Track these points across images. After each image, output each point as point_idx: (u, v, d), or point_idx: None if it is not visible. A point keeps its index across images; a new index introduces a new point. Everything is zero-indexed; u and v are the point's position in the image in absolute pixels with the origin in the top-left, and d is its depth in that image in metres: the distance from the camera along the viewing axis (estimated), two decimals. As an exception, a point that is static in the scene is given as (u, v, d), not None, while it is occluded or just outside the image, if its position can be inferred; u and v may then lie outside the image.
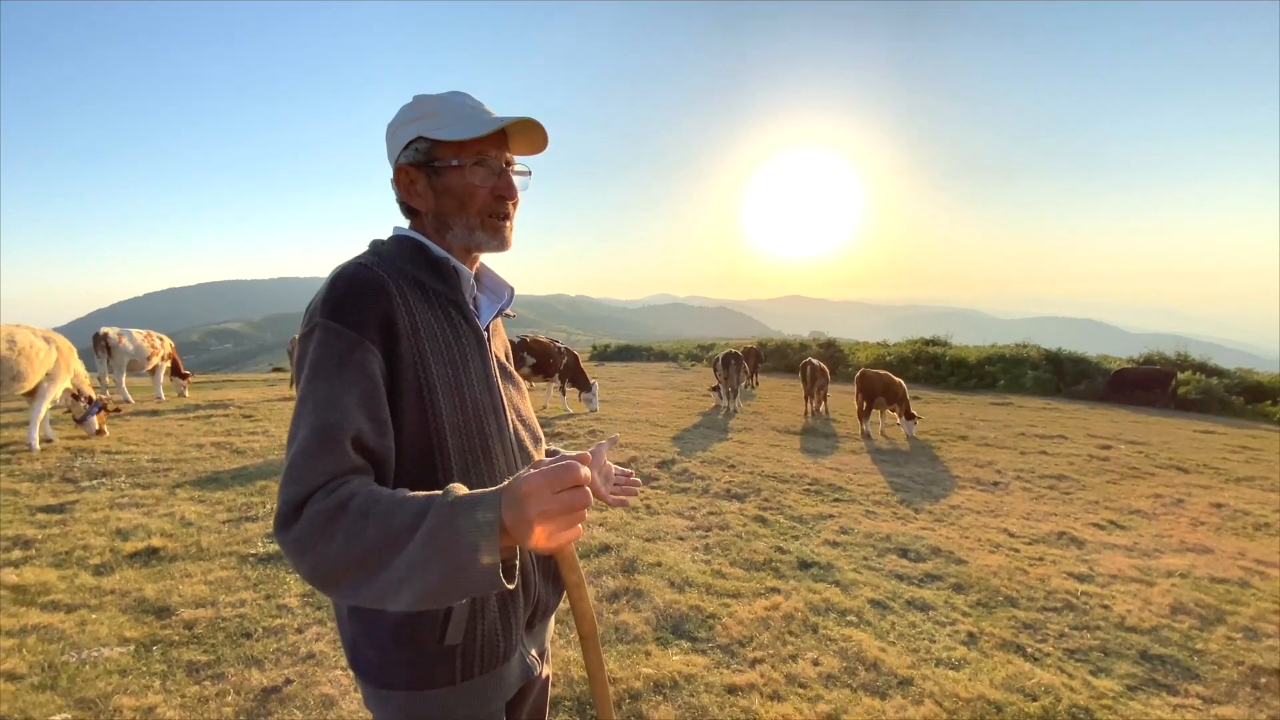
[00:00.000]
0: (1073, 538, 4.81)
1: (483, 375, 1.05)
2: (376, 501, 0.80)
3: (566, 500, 0.75)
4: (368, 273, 0.95)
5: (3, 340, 5.95)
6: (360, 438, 0.87)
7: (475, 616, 0.99)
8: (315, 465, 0.83)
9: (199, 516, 4.40)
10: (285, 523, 0.81)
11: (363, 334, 0.91)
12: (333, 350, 0.90)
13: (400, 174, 1.05)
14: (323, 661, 2.65)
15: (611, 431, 8.30)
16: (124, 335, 9.98)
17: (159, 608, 3.06)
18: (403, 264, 1.02)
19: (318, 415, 0.86)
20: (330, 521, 0.79)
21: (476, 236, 1.05)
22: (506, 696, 1.08)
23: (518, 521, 0.75)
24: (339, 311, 0.91)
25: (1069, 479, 6.82)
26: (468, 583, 0.76)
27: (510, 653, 1.05)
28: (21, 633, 2.76)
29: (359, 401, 0.88)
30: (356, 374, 0.89)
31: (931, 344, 20.47)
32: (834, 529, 4.71)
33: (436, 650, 0.97)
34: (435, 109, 1.02)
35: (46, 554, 3.65)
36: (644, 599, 3.31)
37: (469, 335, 1.05)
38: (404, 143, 1.03)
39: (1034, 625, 3.34)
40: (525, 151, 1.10)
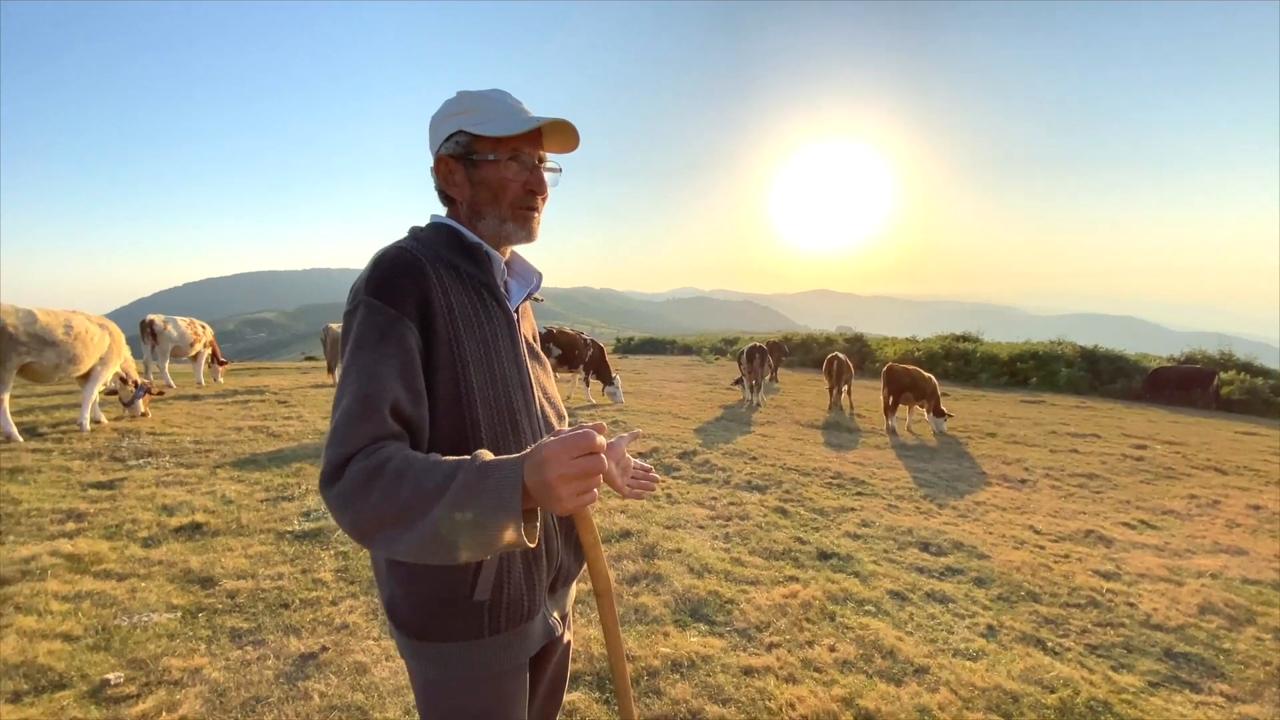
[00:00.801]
0: (1101, 536, 4.74)
1: (512, 353, 1.13)
2: (411, 464, 0.87)
3: (583, 465, 0.82)
4: (407, 255, 1.03)
5: (60, 325, 6.26)
6: (398, 406, 0.95)
7: (502, 575, 1.06)
8: (357, 429, 0.90)
9: (239, 495, 4.59)
10: (329, 480, 0.89)
11: (402, 311, 0.98)
12: (374, 325, 0.97)
13: (440, 164, 1.12)
14: (355, 632, 2.77)
15: (634, 423, 8.37)
16: (169, 323, 10.37)
17: (203, 578, 3.23)
18: (439, 248, 1.09)
19: (360, 384, 0.93)
20: (369, 480, 0.86)
21: (506, 227, 1.12)
22: (530, 652, 1.15)
23: (539, 484, 0.83)
24: (381, 290, 0.99)
25: (1100, 478, 6.69)
26: (493, 539, 0.84)
27: (534, 611, 1.13)
28: (77, 598, 2.94)
29: (397, 373, 0.96)
30: (395, 348, 0.97)
31: (962, 340, 20.10)
32: (855, 522, 4.72)
33: (467, 605, 1.05)
34: (477, 105, 1.08)
35: (98, 526, 3.86)
36: (663, 583, 3.38)
37: (499, 316, 1.12)
38: (446, 135, 1.10)
39: (1056, 620, 3.32)
40: (557, 150, 1.16)
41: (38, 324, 6.07)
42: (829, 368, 11.10)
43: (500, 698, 1.12)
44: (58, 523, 3.88)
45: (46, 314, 6.22)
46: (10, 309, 5.98)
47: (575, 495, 0.83)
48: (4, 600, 2.86)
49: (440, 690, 1.10)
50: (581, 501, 0.85)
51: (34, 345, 6.02)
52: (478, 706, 1.10)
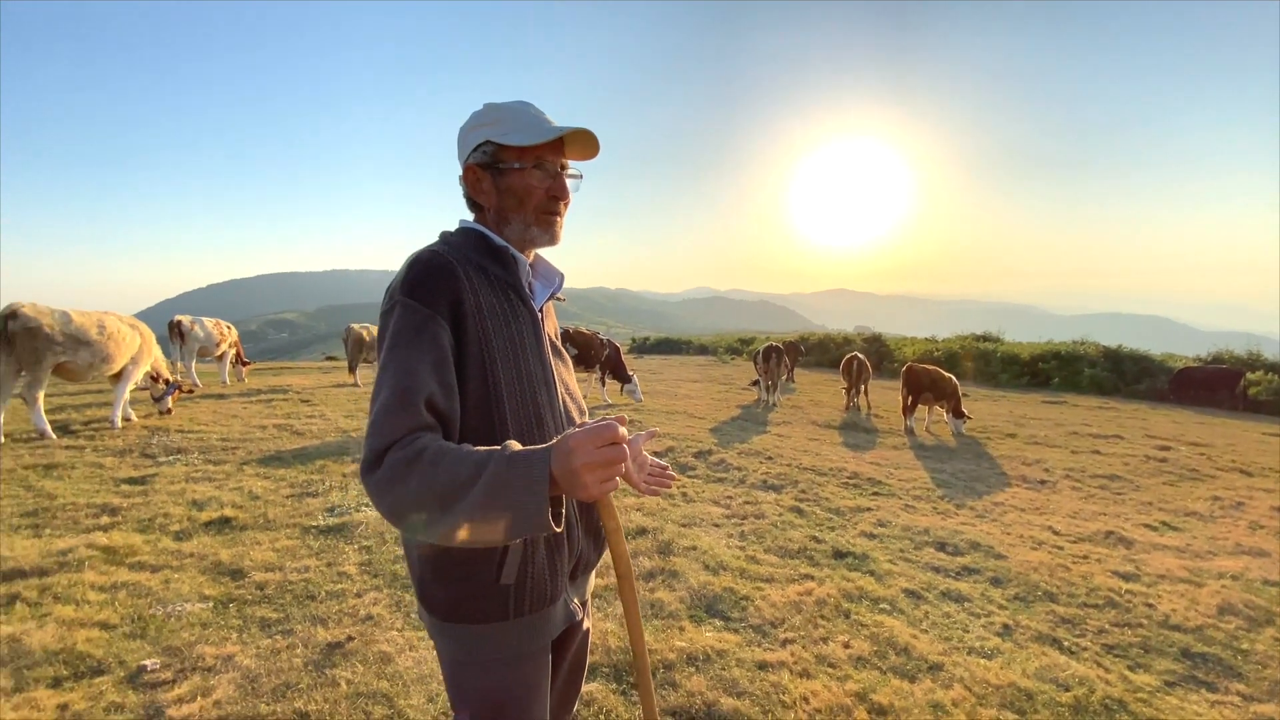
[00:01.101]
0: (1121, 537, 4.69)
1: (536, 350, 1.19)
2: (445, 453, 0.93)
3: (606, 454, 0.89)
4: (439, 259, 1.09)
5: (93, 326, 6.47)
6: (432, 399, 1.01)
7: (526, 560, 1.13)
8: (395, 421, 0.97)
9: (265, 491, 4.71)
10: (369, 468, 0.95)
11: (435, 310, 1.05)
12: (410, 324, 1.03)
13: (468, 172, 1.18)
14: (380, 623, 2.85)
15: (650, 423, 8.42)
16: (196, 323, 10.63)
17: (233, 570, 3.34)
18: (468, 251, 1.15)
19: (397, 379, 1.00)
20: (407, 469, 0.92)
21: (531, 231, 1.19)
22: (553, 635, 1.21)
23: (565, 472, 0.89)
24: (415, 291, 1.05)
25: (1122, 479, 6.61)
26: (521, 522, 0.90)
27: (556, 596, 1.19)
28: (113, 588, 3.06)
29: (431, 369, 1.02)
30: (429, 345, 1.03)
31: (983, 340, 19.89)
32: (871, 521, 4.72)
33: (493, 588, 1.11)
34: (502, 116, 1.14)
35: (131, 520, 3.99)
36: (679, 579, 3.42)
37: (525, 315, 1.19)
38: (473, 145, 1.16)
39: (1073, 620, 3.31)
40: (579, 157, 1.22)
41: (72, 324, 6.27)
42: (848, 368, 11.06)
43: (524, 677, 1.18)
44: (93, 516, 4.02)
45: (81, 315, 6.43)
46: (46, 310, 6.18)
47: (599, 482, 0.90)
48: (43, 590, 2.98)
49: (467, 669, 1.16)
50: (605, 488, 0.91)
51: (69, 345, 6.23)
52: (503, 685, 1.16)
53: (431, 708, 2.28)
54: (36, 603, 2.88)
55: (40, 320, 6.03)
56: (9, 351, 5.93)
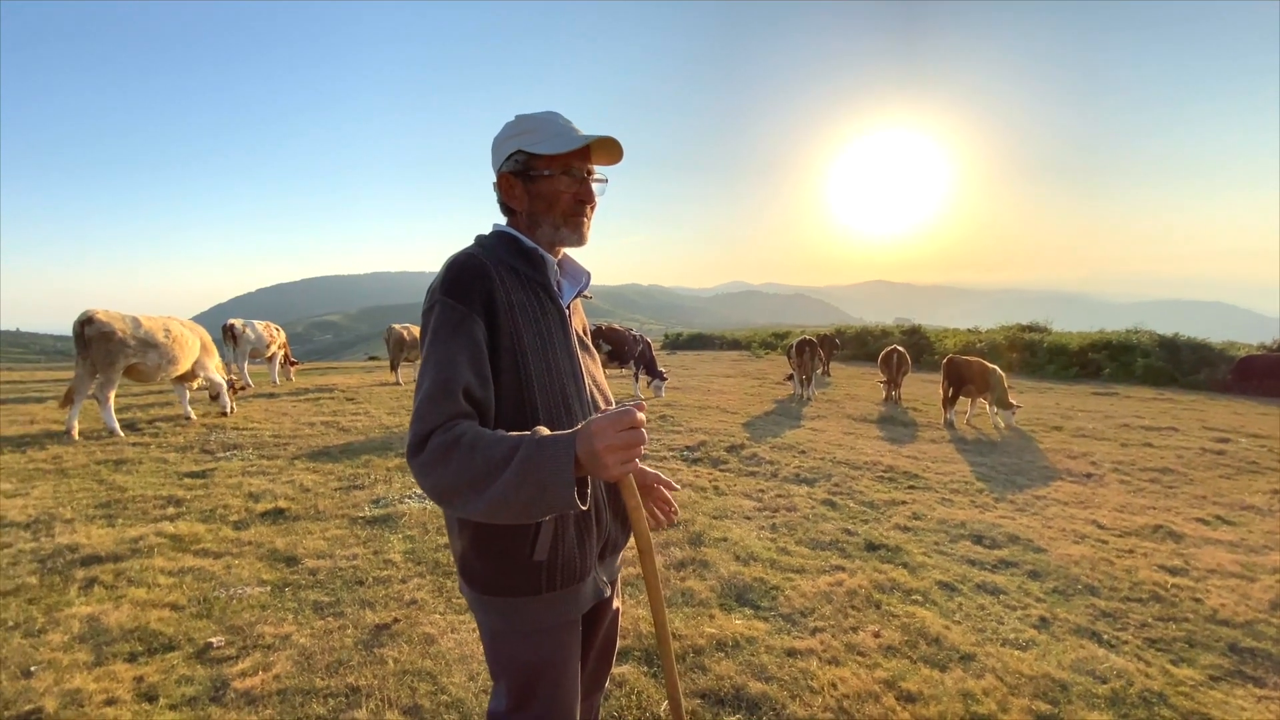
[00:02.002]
0: (1170, 531, 4.55)
1: (564, 345, 1.29)
2: (481, 437, 1.04)
3: (626, 438, 0.99)
4: (475, 260, 1.19)
5: (160, 329, 6.90)
6: (469, 389, 1.11)
7: (557, 538, 1.22)
8: (436, 409, 1.07)
9: (315, 484, 4.95)
10: (414, 452, 1.06)
11: (470, 308, 1.15)
12: (448, 321, 1.14)
13: (502, 180, 1.28)
14: (424, 607, 3.00)
15: (681, 418, 8.47)
16: (248, 326, 11.14)
17: (288, 557, 3.54)
18: (501, 253, 1.25)
19: (438, 371, 1.10)
20: (447, 452, 1.03)
21: (560, 232, 1.28)
22: (582, 609, 1.31)
23: (588, 454, 0.98)
24: (453, 291, 1.15)
25: (1174, 472, 6.37)
26: (550, 500, 0.99)
27: (585, 573, 1.28)
28: (180, 573, 3.29)
29: (468, 361, 1.12)
30: (466, 340, 1.13)
31: (1029, 330, 19.26)
32: (906, 515, 4.69)
33: (527, 563, 1.21)
34: (533, 127, 1.24)
35: (194, 511, 4.26)
36: (709, 569, 3.49)
37: (553, 312, 1.29)
38: (506, 154, 1.26)
39: (1113, 614, 3.25)
40: (604, 163, 1.32)
41: (142, 328, 6.72)
42: (886, 360, 10.88)
43: (556, 648, 1.28)
44: (159, 507, 4.31)
45: (148, 319, 6.87)
46: (118, 315, 6.62)
47: (620, 463, 0.99)
48: (118, 574, 3.23)
49: (504, 639, 1.27)
50: (625, 469, 1.01)
51: (139, 348, 6.67)
52: (537, 654, 1.26)
53: (473, 685, 2.40)
54: (112, 585, 3.12)
55: (113, 325, 6.46)
56: (85, 355, 6.39)
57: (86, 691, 2.27)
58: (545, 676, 1.28)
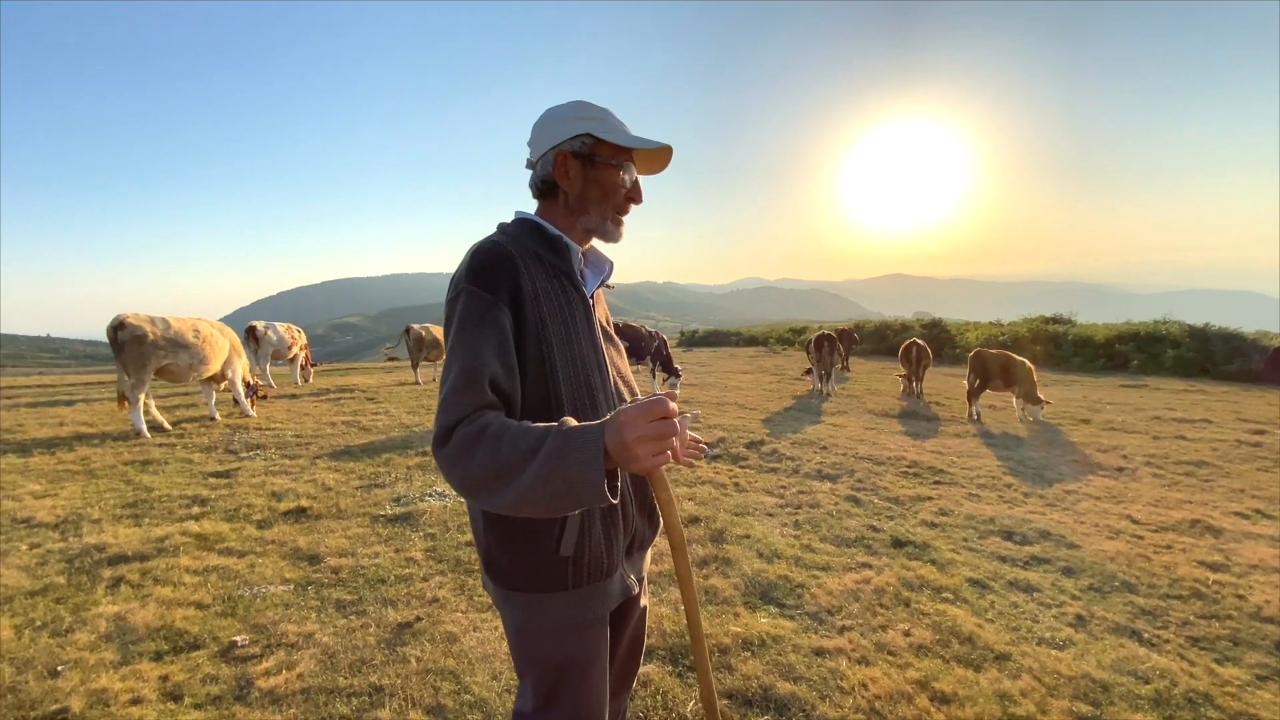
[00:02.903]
0: (1208, 526, 4.40)
1: (588, 334, 1.25)
2: (508, 428, 1.00)
3: (658, 428, 0.94)
4: (500, 248, 1.16)
5: (189, 330, 7.03)
6: (495, 379, 1.08)
7: (584, 534, 1.18)
8: (463, 399, 1.04)
9: (336, 483, 4.97)
10: (440, 443, 1.03)
11: (496, 296, 1.12)
12: (475, 309, 1.11)
13: (559, 158, 1.23)
14: (445, 605, 2.98)
15: (702, 414, 8.41)
16: (270, 328, 11.28)
17: (310, 556, 3.55)
18: (525, 241, 1.22)
19: (464, 360, 1.07)
20: (473, 443, 1.00)
21: (606, 225, 1.27)
22: (609, 607, 1.27)
23: (618, 445, 0.94)
24: (479, 279, 1.12)
25: (1210, 465, 6.18)
26: (579, 493, 0.95)
27: (612, 570, 1.24)
28: (205, 571, 3.31)
29: (495, 351, 1.09)
30: (492, 329, 1.10)
31: (1052, 322, 18.87)
32: (932, 510, 4.59)
33: (553, 559, 1.17)
34: (601, 115, 1.23)
35: (219, 510, 4.29)
36: (732, 567, 3.43)
37: (577, 301, 1.25)
38: (572, 134, 1.22)
39: (1154, 612, 3.14)
40: (646, 171, 1.32)
41: (172, 329, 6.85)
42: (906, 354, 10.72)
43: (583, 645, 1.24)
44: (185, 507, 4.35)
45: (178, 321, 7.01)
46: (147, 318, 6.75)
47: (651, 455, 0.94)
48: (144, 573, 3.26)
49: (530, 635, 1.23)
50: (657, 461, 0.95)
51: (170, 349, 6.80)
52: (563, 652, 1.23)
53: (496, 684, 2.38)
54: (139, 584, 3.15)
55: (145, 328, 6.60)
56: (119, 358, 6.54)
57: (112, 691, 2.27)
58: (571, 675, 1.24)
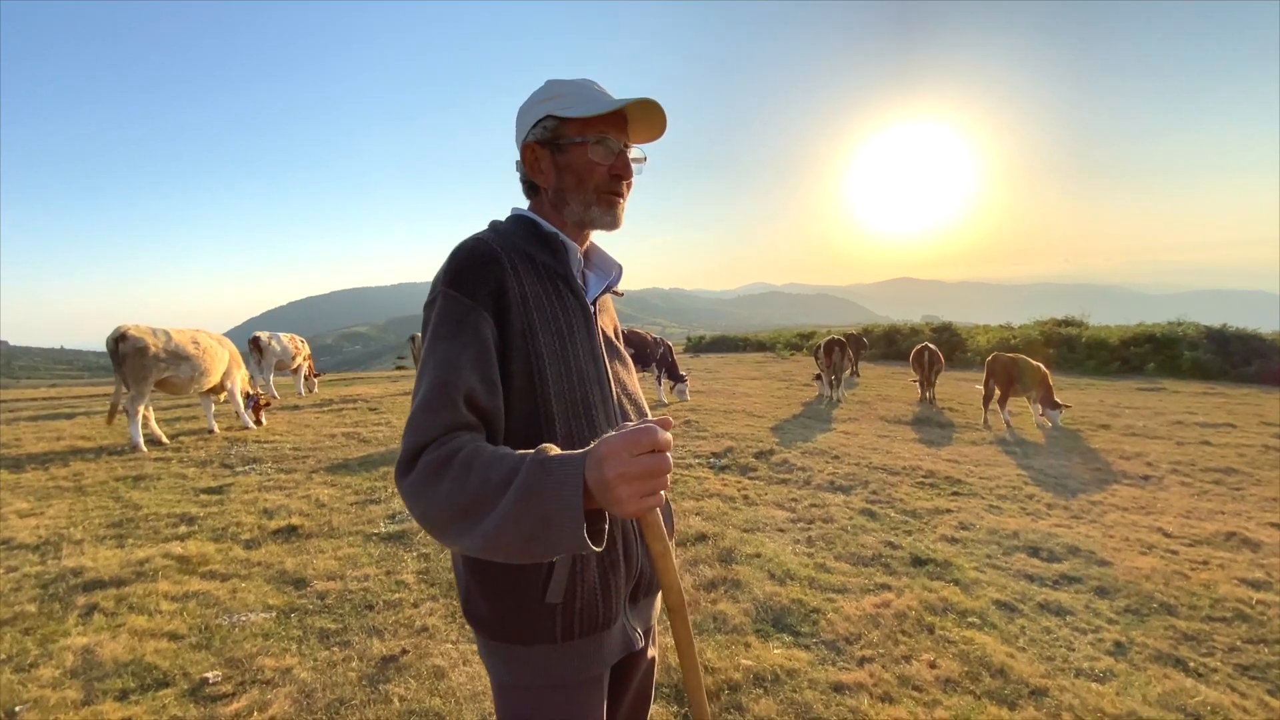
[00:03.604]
0: (1245, 539, 4.16)
1: (588, 346, 1.09)
2: (480, 455, 0.84)
3: (646, 464, 0.75)
4: (484, 246, 1.02)
5: (189, 341, 6.95)
6: (472, 395, 0.93)
7: (575, 578, 1.01)
8: (433, 418, 0.90)
9: (331, 499, 4.81)
10: (403, 470, 0.88)
11: (476, 301, 0.98)
12: (451, 315, 0.97)
13: (527, 151, 1.10)
14: (435, 635, 2.79)
15: (707, 423, 8.21)
16: (273, 339, 11.20)
17: (297, 579, 3.37)
18: (516, 239, 1.08)
19: (436, 373, 0.93)
20: (439, 471, 0.84)
21: (591, 212, 1.10)
22: (607, 664, 1.09)
23: (598, 483, 0.77)
24: (457, 281, 0.99)
25: (1239, 472, 5.92)
26: (555, 537, 0.78)
27: (610, 620, 1.06)
28: (184, 598, 3.14)
29: (472, 362, 0.95)
30: (470, 337, 0.96)
31: (1065, 324, 18.55)
32: (952, 524, 4.37)
33: (539, 607, 1.00)
34: (564, 91, 1.07)
35: (207, 529, 4.13)
36: (742, 589, 3.22)
37: (576, 308, 1.09)
38: (533, 121, 1.08)
39: (1197, 636, 2.91)
40: (642, 139, 1.14)
41: (173, 341, 6.78)
42: (918, 359, 10.48)
43: (573, 708, 1.06)
44: (171, 526, 4.19)
45: (178, 332, 6.95)
46: (148, 329, 6.67)
47: (638, 497, 0.77)
48: (120, 600, 3.09)
49: (513, 694, 1.06)
50: (644, 504, 0.77)
51: (171, 361, 6.71)
52: (550, 715, 1.05)
53: (485, 728, 2.19)
54: (113, 613, 2.98)
55: (146, 340, 6.52)
56: (119, 370, 6.45)
57: (71, 735, 2.10)
58: None
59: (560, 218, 1.12)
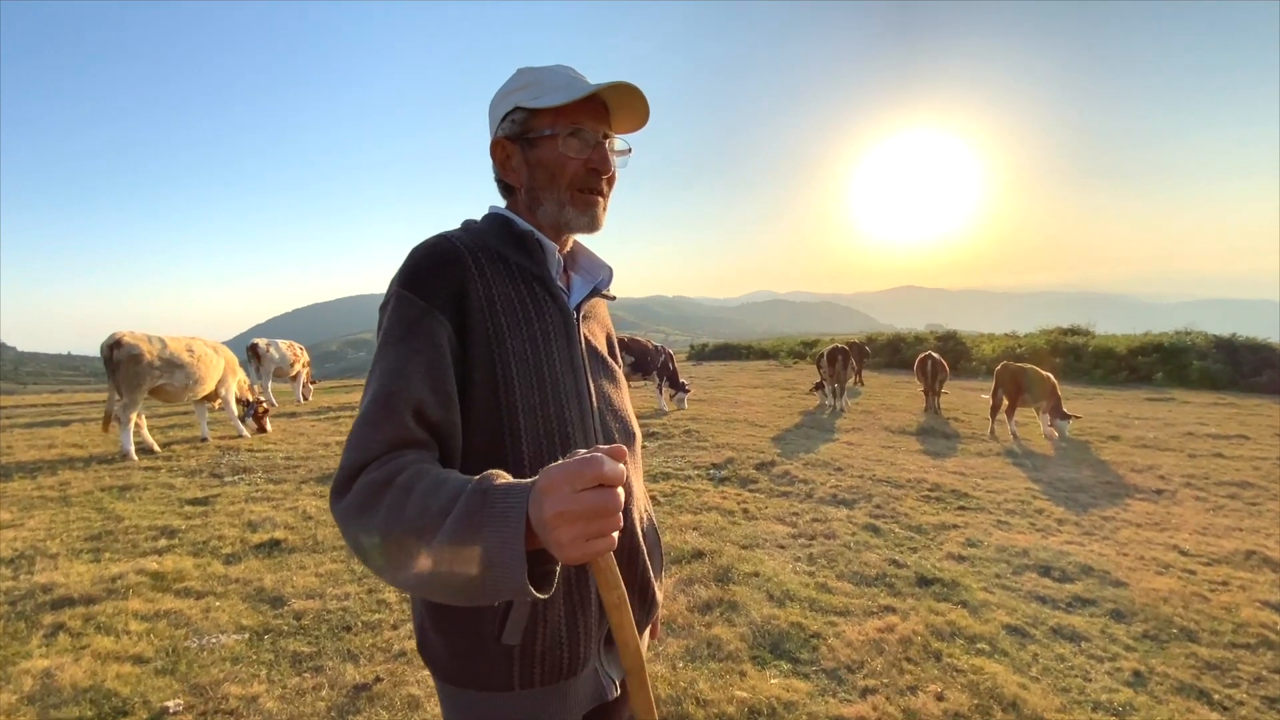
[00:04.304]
0: (1265, 558, 3.99)
1: (566, 355, 0.98)
2: (422, 478, 0.74)
3: (589, 502, 0.64)
4: (445, 244, 0.93)
5: (184, 349, 6.87)
6: (422, 408, 0.83)
7: (537, 618, 0.89)
8: (374, 434, 0.80)
9: (318, 511, 4.67)
10: (338, 492, 0.78)
11: (432, 303, 0.88)
12: (403, 318, 0.87)
13: (496, 148, 1.02)
14: (413, 660, 2.65)
15: (707, 432, 8.05)
16: (271, 345, 11.12)
17: (274, 597, 3.23)
18: (487, 238, 0.98)
19: (381, 382, 0.83)
20: (376, 496, 0.74)
21: (566, 212, 1.00)
22: (573, 715, 0.96)
23: (538, 522, 0.65)
24: (411, 281, 0.89)
25: (1255, 487, 5.74)
26: (491, 582, 0.67)
27: (577, 666, 0.94)
28: (155, 617, 3.00)
29: (424, 372, 0.84)
30: (423, 343, 0.86)
31: (1071, 333, 18.37)
32: (959, 541, 4.20)
33: (495, 649, 0.89)
34: (535, 79, 0.97)
35: (187, 543, 4.00)
36: (739, 612, 3.07)
37: (554, 313, 0.99)
38: (502, 114, 0.99)
39: (1221, 665, 2.75)
40: (626, 129, 1.04)
41: (168, 349, 6.70)
42: (922, 368, 10.33)
43: None
44: (151, 539, 4.06)
45: (173, 340, 6.88)
46: (144, 336, 6.59)
47: (580, 541, 0.64)
48: (88, 619, 2.95)
49: None
50: (589, 550, 0.65)
51: (165, 369, 6.63)
52: None
53: (459, 766, 2.04)
54: (79, 633, 2.84)
55: (141, 347, 6.44)
56: (113, 377, 6.36)
57: (17, 771, 1.97)
58: None
59: (534, 218, 1.02)
